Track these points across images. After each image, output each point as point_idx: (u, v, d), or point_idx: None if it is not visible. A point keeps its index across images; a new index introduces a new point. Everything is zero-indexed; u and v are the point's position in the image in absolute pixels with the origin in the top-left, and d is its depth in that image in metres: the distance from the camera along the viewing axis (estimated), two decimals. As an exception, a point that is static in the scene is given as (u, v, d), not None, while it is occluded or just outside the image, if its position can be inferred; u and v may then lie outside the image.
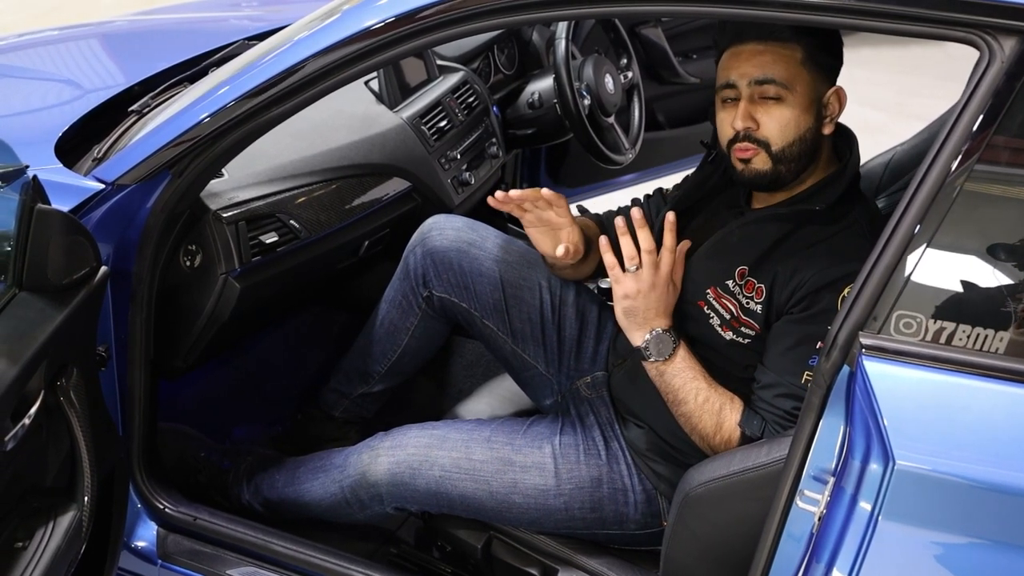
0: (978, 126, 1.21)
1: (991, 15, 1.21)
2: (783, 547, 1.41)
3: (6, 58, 2.60)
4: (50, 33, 2.88)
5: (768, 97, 1.58)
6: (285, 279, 1.94)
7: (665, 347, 1.63)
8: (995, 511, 1.18)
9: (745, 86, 1.58)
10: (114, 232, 1.73)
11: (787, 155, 1.60)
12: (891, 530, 1.22)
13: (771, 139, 1.59)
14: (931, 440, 1.21)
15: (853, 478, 1.26)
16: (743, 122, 1.59)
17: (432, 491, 1.78)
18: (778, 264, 1.59)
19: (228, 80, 1.67)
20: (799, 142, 1.60)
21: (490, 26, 1.52)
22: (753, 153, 1.60)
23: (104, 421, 1.63)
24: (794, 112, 1.58)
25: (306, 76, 1.58)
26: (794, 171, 1.62)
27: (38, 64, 2.60)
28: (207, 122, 1.63)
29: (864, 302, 1.26)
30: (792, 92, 1.57)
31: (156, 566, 1.92)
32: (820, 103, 1.61)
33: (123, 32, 2.99)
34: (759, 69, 1.57)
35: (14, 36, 2.80)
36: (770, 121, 1.58)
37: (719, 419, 1.60)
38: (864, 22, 1.28)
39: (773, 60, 1.57)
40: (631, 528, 1.80)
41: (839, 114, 1.64)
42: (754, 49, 1.58)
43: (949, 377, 1.21)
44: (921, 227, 1.23)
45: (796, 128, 1.59)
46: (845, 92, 1.63)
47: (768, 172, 1.61)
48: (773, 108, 1.58)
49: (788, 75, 1.57)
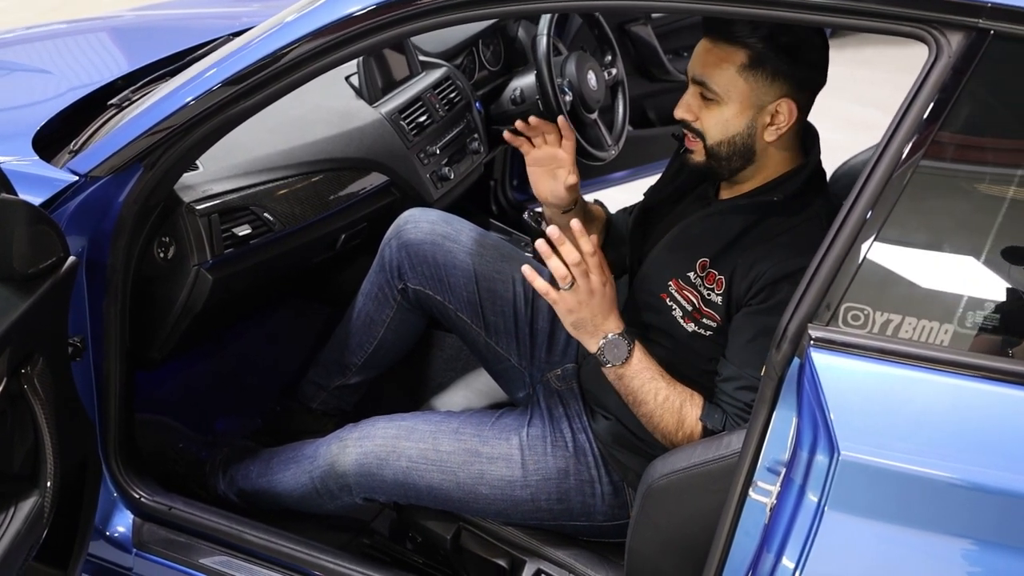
0: (925, 121, 1.22)
1: (938, 10, 1.22)
2: (739, 538, 1.42)
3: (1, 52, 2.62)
4: (49, 28, 2.91)
5: (705, 96, 1.61)
6: (259, 271, 1.96)
7: (620, 352, 1.62)
8: (936, 502, 1.19)
9: (691, 80, 1.63)
10: (89, 224, 1.75)
11: (718, 153, 1.63)
12: (837, 520, 1.23)
13: (706, 133, 1.63)
14: (875, 432, 1.22)
15: (801, 469, 1.27)
16: (682, 112, 1.64)
17: (399, 481, 1.80)
18: (738, 256, 1.61)
19: (197, 73, 1.69)
20: (728, 144, 1.62)
21: (470, 17, 1.53)
22: (693, 145, 1.65)
23: (74, 410, 1.65)
24: (725, 116, 1.60)
25: (282, 65, 1.59)
26: (729, 168, 1.65)
27: (31, 59, 2.62)
28: (177, 114, 1.65)
29: (813, 294, 1.27)
30: (724, 98, 1.59)
31: (131, 554, 1.94)
32: (760, 111, 1.59)
33: (122, 27, 3.00)
34: (701, 69, 1.60)
35: (17, 30, 2.84)
36: (707, 117, 1.62)
37: (680, 416, 1.61)
38: (814, 16, 1.29)
39: (713, 62, 1.59)
40: (599, 520, 1.81)
41: (788, 125, 1.60)
42: (705, 46, 1.60)
43: (895, 369, 1.22)
44: (869, 220, 1.24)
45: (725, 130, 1.61)
46: (795, 106, 1.58)
47: (703, 164, 1.66)
48: (707, 106, 1.62)
49: (722, 82, 1.58)
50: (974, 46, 1.20)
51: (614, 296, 1.64)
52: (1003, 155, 1.24)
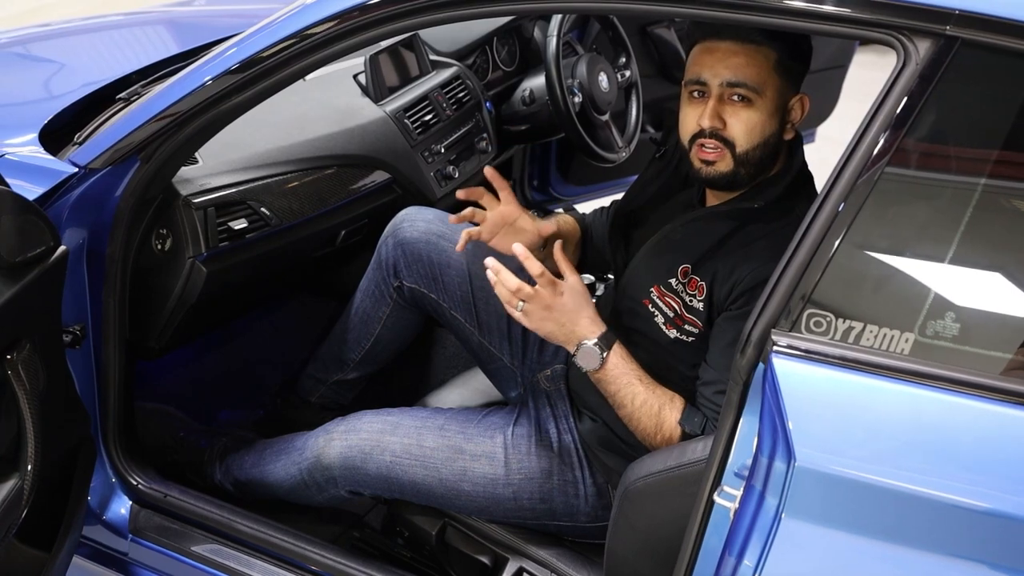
0: (891, 128, 1.21)
1: (906, 16, 1.21)
2: (707, 542, 1.42)
3: (26, 48, 2.68)
4: (76, 23, 2.97)
5: (737, 99, 1.57)
6: (255, 265, 1.99)
7: (592, 358, 1.62)
8: (890, 512, 1.18)
9: (716, 86, 1.58)
10: (89, 215, 1.79)
11: (750, 158, 1.60)
12: (793, 527, 1.23)
13: (737, 140, 1.58)
14: (832, 440, 1.21)
15: (762, 475, 1.26)
16: (711, 121, 1.58)
17: (383, 476, 1.81)
18: (719, 261, 1.60)
19: (191, 69, 1.72)
20: (762, 146, 1.60)
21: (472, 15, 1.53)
22: (718, 156, 1.59)
23: (66, 397, 1.69)
24: (761, 116, 1.58)
25: (270, 63, 1.61)
26: (753, 174, 1.62)
27: (55, 53, 2.67)
28: (171, 108, 1.68)
29: (777, 299, 1.26)
30: (762, 96, 1.57)
31: (127, 540, 1.98)
32: (785, 109, 1.61)
33: (151, 23, 3.05)
34: (732, 71, 1.56)
35: (54, 23, 2.90)
36: (737, 123, 1.58)
37: (658, 420, 1.61)
38: (786, 21, 1.28)
39: (746, 63, 1.56)
40: (582, 520, 1.81)
41: (801, 120, 1.63)
42: (729, 49, 1.56)
43: (855, 377, 1.21)
44: (833, 226, 1.23)
45: (761, 132, 1.59)
46: (808, 99, 1.63)
47: (728, 173, 1.61)
48: (741, 110, 1.57)
49: (759, 79, 1.56)
50: (942, 53, 1.19)
51: (582, 302, 1.63)
52: (968, 163, 1.22)
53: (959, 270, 1.21)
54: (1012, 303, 1.19)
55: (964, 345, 1.19)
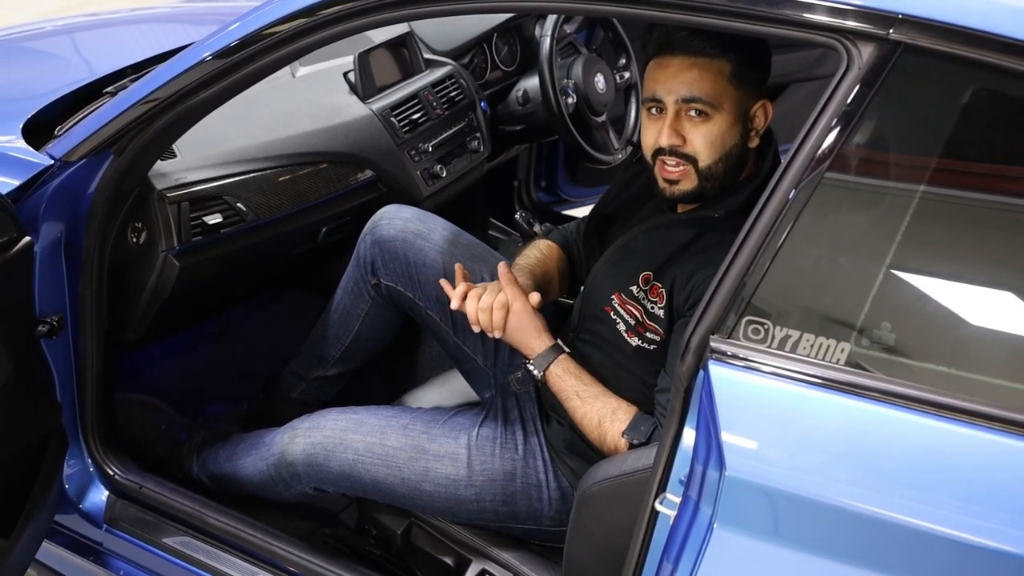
0: (832, 134, 1.18)
1: (849, 20, 1.19)
2: (653, 550, 1.40)
3: (32, 43, 2.72)
4: (80, 19, 3.00)
5: (694, 114, 1.55)
6: (230, 260, 1.99)
7: (537, 371, 1.69)
8: (821, 525, 1.16)
9: (672, 103, 1.56)
10: (65, 207, 1.81)
11: (714, 172, 1.58)
12: (723, 538, 1.21)
13: (699, 155, 1.57)
14: (763, 450, 1.19)
15: (697, 484, 1.25)
16: (668, 139, 1.56)
17: (346, 474, 1.81)
18: (678, 268, 1.58)
19: (162, 66, 1.73)
20: (725, 159, 1.58)
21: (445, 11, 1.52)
22: (681, 174, 1.58)
23: (33, 387, 1.70)
24: (720, 129, 1.55)
25: (234, 60, 1.62)
26: (719, 187, 1.60)
27: (57, 49, 2.70)
28: (139, 103, 1.69)
29: (716, 306, 1.24)
30: (719, 110, 1.55)
31: (101, 529, 2.00)
32: (747, 118, 1.58)
33: (155, 19, 3.09)
34: (686, 87, 1.54)
35: (56, 19, 2.93)
36: (697, 137, 1.56)
37: (600, 432, 1.63)
38: (729, 23, 1.26)
39: (700, 76, 1.54)
40: (546, 524, 1.80)
41: (765, 126, 1.61)
42: (682, 64, 1.54)
43: (789, 386, 1.18)
44: (772, 233, 1.21)
45: (723, 145, 1.56)
46: (771, 105, 1.60)
47: (694, 191, 1.60)
48: (700, 125, 1.55)
49: (715, 93, 1.54)
50: (884, 58, 1.17)
51: (528, 323, 1.67)
52: (909, 170, 1.20)
53: (897, 279, 1.18)
54: (949, 313, 1.16)
55: (900, 356, 1.17)
